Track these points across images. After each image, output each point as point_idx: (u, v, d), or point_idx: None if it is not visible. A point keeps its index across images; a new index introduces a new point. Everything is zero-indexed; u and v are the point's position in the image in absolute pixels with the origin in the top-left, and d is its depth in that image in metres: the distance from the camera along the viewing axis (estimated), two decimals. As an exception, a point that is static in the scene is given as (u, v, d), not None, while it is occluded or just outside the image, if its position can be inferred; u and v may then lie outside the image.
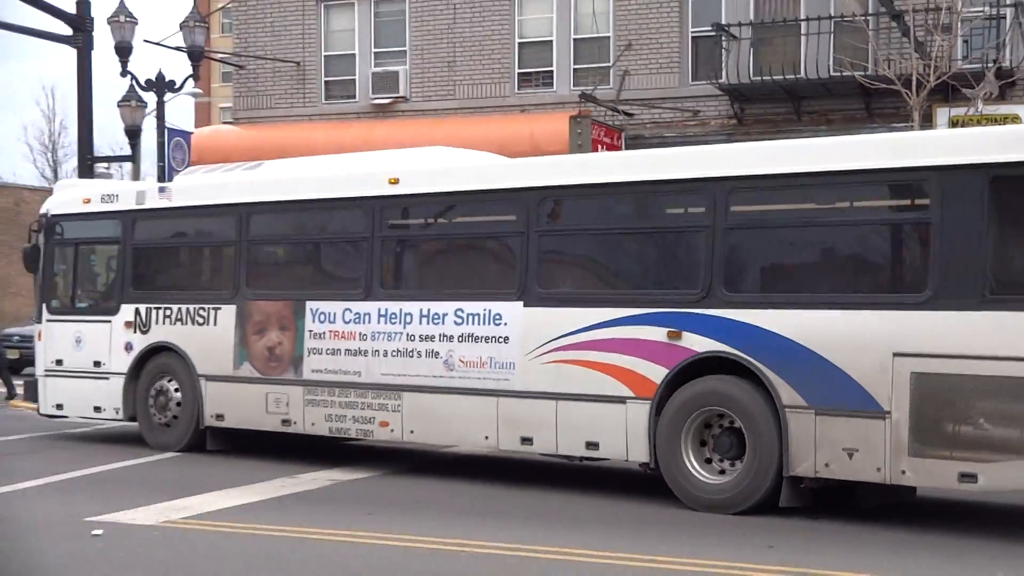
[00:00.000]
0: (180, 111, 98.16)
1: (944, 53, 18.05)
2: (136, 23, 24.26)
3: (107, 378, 15.24)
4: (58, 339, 15.82)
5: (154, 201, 15.10)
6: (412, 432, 12.85)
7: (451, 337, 12.42)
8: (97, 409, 15.46)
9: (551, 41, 23.30)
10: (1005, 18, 19.50)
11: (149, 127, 26.42)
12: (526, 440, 12.02)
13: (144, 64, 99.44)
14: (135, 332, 15.04)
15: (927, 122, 18.60)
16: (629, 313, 11.31)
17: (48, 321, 16.01)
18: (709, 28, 21.55)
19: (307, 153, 21.59)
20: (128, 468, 13.53)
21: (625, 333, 11.29)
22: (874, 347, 9.96)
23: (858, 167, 10.35)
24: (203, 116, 66.79)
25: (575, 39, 23.18)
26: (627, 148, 21.24)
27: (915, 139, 10.82)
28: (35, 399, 16.22)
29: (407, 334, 12.75)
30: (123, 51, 24.08)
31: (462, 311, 12.38)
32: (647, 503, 11.21)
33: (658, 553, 8.83)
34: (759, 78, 20.82)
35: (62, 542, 9.19)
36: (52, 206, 16.24)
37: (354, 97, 24.83)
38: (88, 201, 15.70)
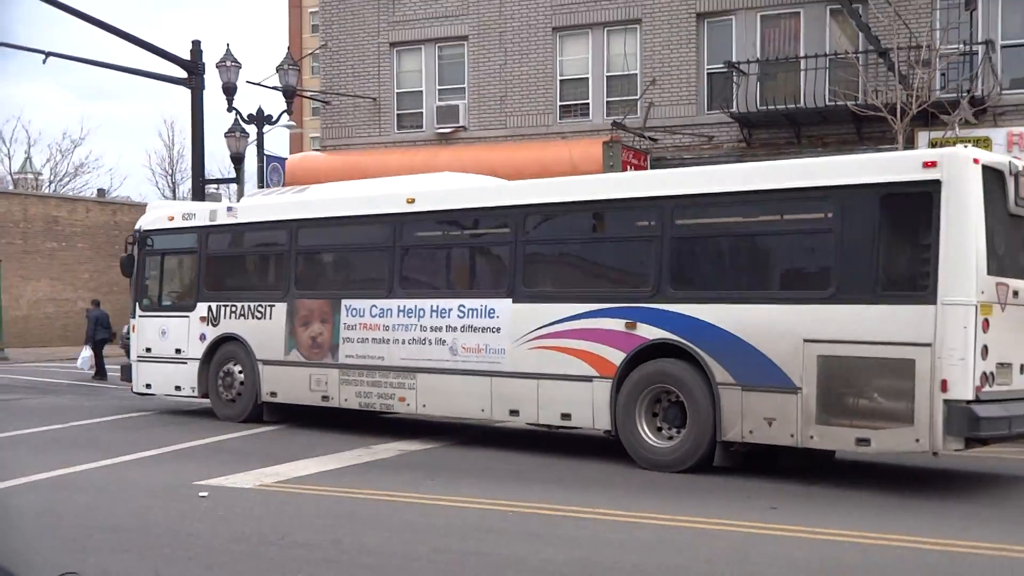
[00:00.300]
0: (277, 140, 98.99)
1: (924, 84, 17.78)
2: (240, 66, 24.44)
3: (185, 363, 15.95)
4: (147, 331, 16.60)
5: (223, 218, 15.92)
6: (424, 406, 13.38)
7: (455, 328, 12.93)
8: (178, 388, 16.16)
9: (587, 78, 23.19)
10: (977, 54, 19.15)
11: (251, 154, 26.54)
12: (513, 412, 12.50)
13: (247, 101, 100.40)
14: (208, 325, 15.72)
15: (910, 144, 18.30)
16: (595, 308, 11.79)
17: (140, 316, 16.83)
18: (722, 65, 21.35)
19: (383, 175, 21.69)
20: (227, 440, 13.62)
21: (592, 324, 11.78)
22: (788, 334, 10.36)
23: (777, 187, 10.82)
24: (296, 144, 67.20)
25: (608, 76, 23.04)
26: (652, 168, 21.06)
27: (821, 164, 11.07)
28: (130, 379, 16.98)
29: (420, 325, 13.29)
30: (229, 91, 24.28)
31: (464, 306, 12.90)
32: (641, 470, 11.09)
33: (683, 513, 8.74)
34: (765, 107, 20.59)
35: (174, 502, 9.25)
36: (144, 222, 17.03)
37: (421, 127, 24.83)
38: (172, 218, 16.53)
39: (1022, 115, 19.31)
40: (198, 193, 24.65)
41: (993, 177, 10.05)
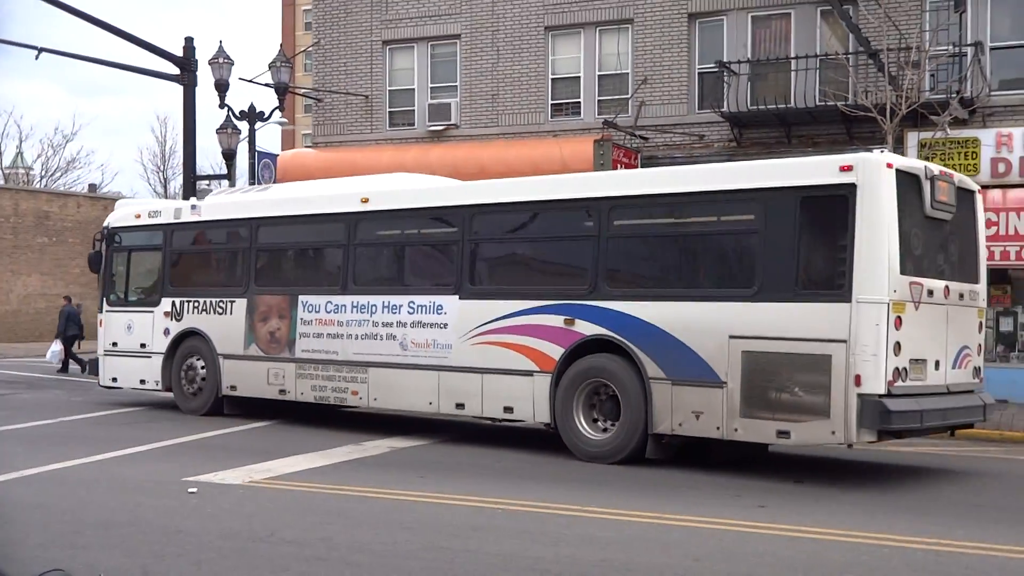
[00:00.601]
0: (269, 137, 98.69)
1: (914, 85, 17.81)
2: (232, 63, 24.40)
3: (150, 357, 16.38)
4: (114, 326, 17.07)
5: (187, 216, 16.37)
6: (375, 400, 13.75)
7: (405, 324, 13.32)
8: (142, 382, 16.59)
9: (579, 77, 23.17)
10: (966, 56, 19.18)
11: (243, 150, 26.50)
12: (460, 406, 12.83)
13: (239, 97, 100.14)
14: (171, 320, 16.15)
15: (900, 144, 18.33)
16: (536, 304, 12.13)
17: (107, 311, 17.28)
18: (713, 65, 21.34)
19: (374, 171, 21.69)
20: (217, 437, 13.59)
21: (533, 320, 12.14)
22: (715, 331, 10.70)
23: (705, 189, 11.22)
24: (288, 141, 67.07)
25: (599, 75, 23.02)
26: (643, 167, 21.05)
27: (747, 167, 11.40)
28: (97, 373, 17.39)
29: (372, 321, 13.67)
30: (221, 87, 24.25)
31: (413, 303, 13.28)
32: (642, 470, 11.10)
33: (672, 511, 8.74)
34: (755, 107, 20.60)
35: (164, 498, 9.22)
36: (112, 220, 17.57)
37: (413, 125, 24.79)
38: (139, 216, 17.05)
39: (1011, 116, 19.34)
40: (189, 189, 24.59)
41: (909, 181, 10.40)
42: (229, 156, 25.94)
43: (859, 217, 9.99)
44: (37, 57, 23.73)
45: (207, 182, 27.06)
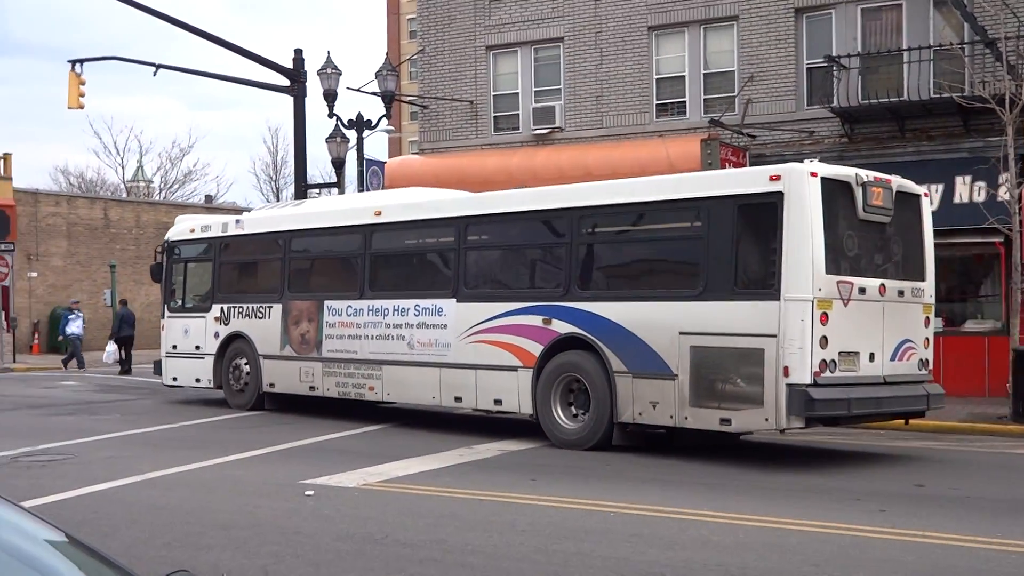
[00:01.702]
0: (376, 145, 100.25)
1: (1035, 74, 17.12)
2: (340, 73, 24.83)
3: (203, 358, 17.88)
4: (174, 330, 18.65)
5: (233, 230, 17.81)
6: (389, 394, 15.03)
7: (412, 325, 14.49)
8: (197, 380, 18.12)
9: (684, 76, 22.89)
10: (1091, 41, 18.36)
11: (351, 159, 26.92)
12: (458, 399, 14.05)
13: (347, 107, 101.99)
14: (220, 324, 17.63)
15: (1021, 135, 17.65)
16: (520, 306, 13.29)
17: (168, 317, 18.87)
18: (821, 60, 20.87)
19: (480, 176, 21.83)
20: (332, 440, 13.82)
21: (517, 320, 13.27)
22: (667, 328, 11.75)
23: (660, 199, 12.33)
24: (395, 148, 67.99)
25: (705, 73, 22.71)
26: (751, 165, 20.69)
27: (693, 178, 12.59)
28: (160, 374, 19.06)
29: (385, 323, 14.86)
30: (330, 97, 24.69)
31: (419, 306, 14.44)
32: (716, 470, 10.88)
33: (788, 515, 8.56)
34: (867, 101, 20.07)
35: (282, 500, 9.40)
36: (171, 234, 19.24)
37: (518, 129, 24.83)
38: (193, 230, 18.62)
39: None
40: (301, 197, 25.08)
41: (839, 188, 11.35)
42: (338, 164, 26.40)
43: (786, 222, 10.93)
44: (155, 73, 24.59)
45: (318, 190, 27.58)
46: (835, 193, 11.27)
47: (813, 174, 11.05)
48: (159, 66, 24.58)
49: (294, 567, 7.07)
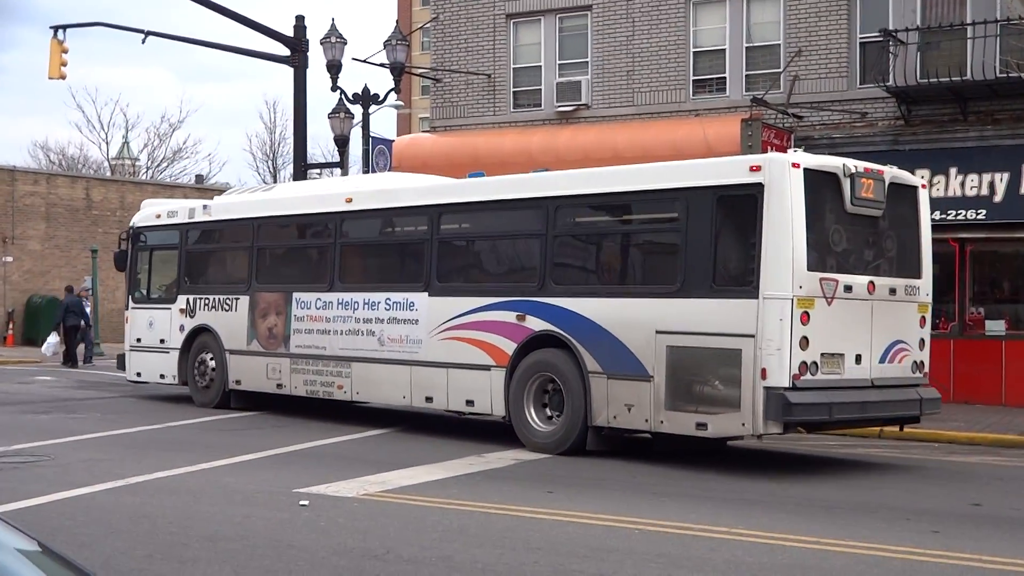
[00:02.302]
0: (384, 121, 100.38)
1: (1113, 52, 17.00)
2: (345, 43, 24.88)
3: (168, 352, 18.14)
4: (138, 322, 18.97)
5: (200, 216, 18.06)
6: (358, 393, 15.25)
7: (382, 320, 14.72)
8: (162, 376, 18.40)
9: (724, 49, 22.83)
10: None
11: (356, 136, 26.96)
12: (428, 399, 14.29)
13: (352, 80, 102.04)
14: (186, 316, 17.89)
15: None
16: (493, 301, 13.47)
17: (132, 308, 19.21)
18: (877, 34, 20.77)
19: (497, 157, 21.83)
20: (331, 445, 13.86)
21: (490, 316, 13.45)
22: (644, 326, 11.93)
23: (637, 189, 12.55)
24: (404, 126, 68.00)
25: (747, 47, 22.65)
26: (797, 148, 20.62)
27: (671, 167, 12.63)
28: (123, 368, 19.35)
29: (355, 317, 15.10)
30: (333, 68, 24.74)
31: (390, 300, 14.67)
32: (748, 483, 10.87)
33: (829, 536, 8.56)
34: (926, 80, 19.96)
35: (274, 510, 9.44)
36: (136, 220, 19.52)
37: (540, 105, 24.81)
38: (159, 216, 18.88)
39: None
40: (300, 178, 25.17)
41: (824, 179, 11.47)
42: (342, 142, 26.45)
43: (766, 216, 11.07)
44: (144, 41, 24.70)
45: (319, 171, 27.66)
46: (820, 185, 11.41)
47: (795, 165, 11.20)
48: (148, 33, 24.68)
49: (287, 583, 7.10)
